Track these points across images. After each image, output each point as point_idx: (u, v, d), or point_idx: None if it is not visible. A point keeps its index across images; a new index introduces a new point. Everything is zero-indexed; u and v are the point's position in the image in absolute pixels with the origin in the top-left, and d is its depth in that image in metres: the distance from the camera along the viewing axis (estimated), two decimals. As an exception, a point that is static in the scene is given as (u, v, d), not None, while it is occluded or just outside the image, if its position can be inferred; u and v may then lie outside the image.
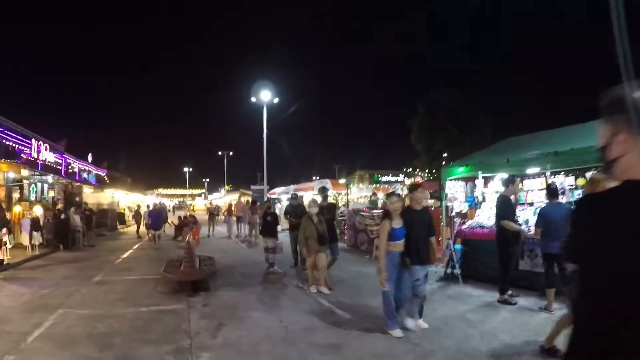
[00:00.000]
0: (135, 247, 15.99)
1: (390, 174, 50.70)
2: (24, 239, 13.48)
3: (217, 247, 15.23)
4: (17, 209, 15.06)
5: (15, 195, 16.50)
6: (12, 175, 16.14)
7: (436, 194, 18.88)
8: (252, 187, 33.19)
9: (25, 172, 17.32)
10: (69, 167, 29.80)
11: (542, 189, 8.70)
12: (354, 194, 22.40)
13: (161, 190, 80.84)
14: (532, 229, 7.02)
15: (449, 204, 10.35)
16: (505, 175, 8.16)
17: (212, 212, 23.14)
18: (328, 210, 9.75)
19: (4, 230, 11.93)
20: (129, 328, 5.95)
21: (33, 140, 19.71)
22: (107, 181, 42.25)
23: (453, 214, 10.38)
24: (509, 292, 6.90)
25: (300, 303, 7.17)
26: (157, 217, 17.80)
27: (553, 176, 8.55)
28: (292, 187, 22.04)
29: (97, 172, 39.74)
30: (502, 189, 7.76)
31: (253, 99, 26.84)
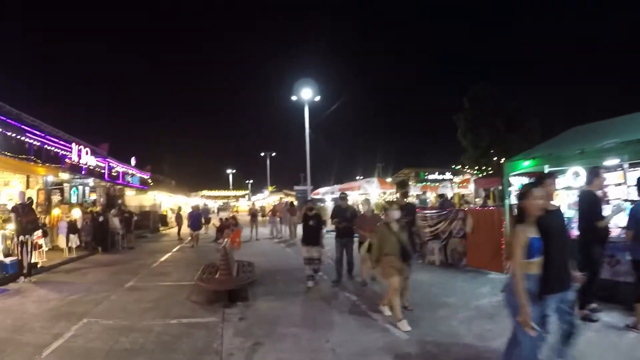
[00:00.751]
0: (175, 249, 15.44)
1: (437, 172, 49.06)
2: (61, 242, 13.14)
3: (258, 250, 14.51)
4: (55, 211, 14.83)
5: (55, 198, 16.34)
6: (51, 178, 15.99)
7: (486, 192, 17.36)
8: (295, 187, 32.47)
9: (65, 176, 17.19)
10: (112, 170, 30.12)
11: (619, 184, 7.35)
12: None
13: (205, 192, 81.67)
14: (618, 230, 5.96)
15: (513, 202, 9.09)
16: (579, 169, 7.20)
17: (254, 214, 20.92)
18: (408, 211, 7.77)
19: (38, 233, 11.58)
20: (154, 344, 5.15)
21: (73, 144, 19.70)
22: (151, 183, 42.86)
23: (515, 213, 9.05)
24: (593, 305, 5.57)
25: (350, 318, 6.15)
26: (195, 218, 17.77)
27: (632, 168, 7.17)
28: (336, 186, 21.04)
29: (140, 175, 40.32)
30: (574, 184, 7.15)
31: (294, 98, 26.17)
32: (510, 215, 8.42)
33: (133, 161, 38.61)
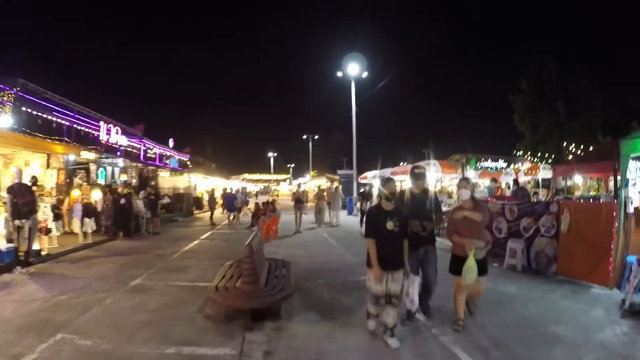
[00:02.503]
0: (204, 236, 13.74)
1: (490, 159, 45.56)
2: (76, 226, 11.69)
3: (297, 240, 12.60)
4: (75, 193, 13.43)
5: (78, 179, 15.00)
6: (72, 157, 14.62)
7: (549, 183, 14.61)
8: (339, 171, 30.50)
9: (89, 155, 15.85)
10: (147, 151, 29.11)
11: None
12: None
13: (246, 175, 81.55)
14: None
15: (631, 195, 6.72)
16: None
17: (300, 199, 16.33)
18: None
19: (45, 216, 10.10)
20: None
21: (102, 122, 18.40)
22: (190, 166, 42.06)
23: (631, 209, 6.69)
24: None
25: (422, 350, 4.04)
26: (230, 200, 17.82)
27: None
28: (387, 170, 18.75)
29: (179, 157, 39.46)
30: None
31: (339, 74, 24.20)
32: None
33: (171, 143, 37.70)
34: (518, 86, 37.18)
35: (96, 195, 13.29)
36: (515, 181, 13.56)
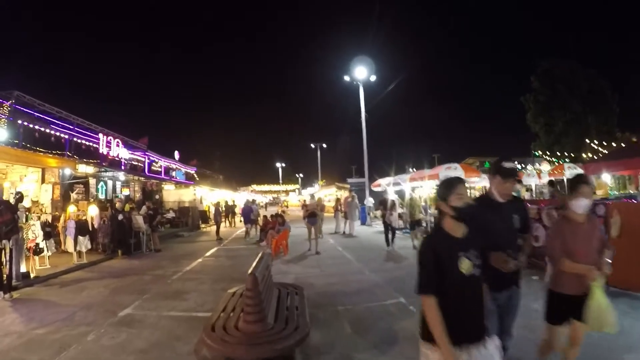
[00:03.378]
0: (209, 253, 12.76)
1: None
2: (69, 245, 10.82)
3: (311, 256, 11.50)
4: (71, 209, 12.59)
5: (75, 194, 14.17)
6: (68, 171, 13.83)
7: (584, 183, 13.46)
8: (349, 180, 29.49)
9: (87, 169, 15.05)
10: (152, 164, 28.35)
11: None
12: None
13: (254, 187, 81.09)
14: None
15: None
16: None
17: (315, 213, 12.58)
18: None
19: (32, 235, 9.25)
20: None
21: (101, 135, 17.58)
22: (197, 178, 41.30)
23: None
24: None
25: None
26: (246, 213, 18.01)
27: None
28: (405, 176, 17.70)
29: (186, 170, 38.73)
30: None
31: (347, 78, 23.34)
32: None
33: (177, 155, 36.96)
34: (529, 86, 36.07)
35: (93, 211, 12.42)
36: (552, 182, 12.45)
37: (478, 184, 17.47)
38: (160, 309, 6.33)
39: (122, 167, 23.42)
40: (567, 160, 30.56)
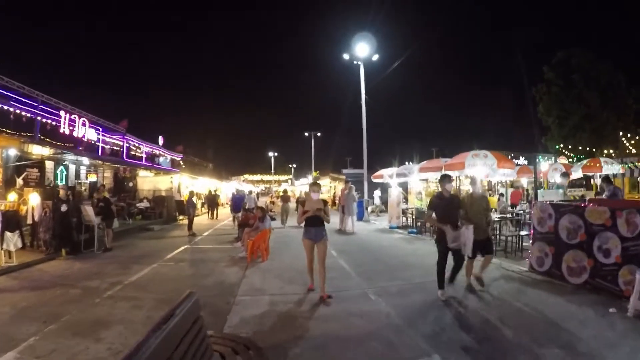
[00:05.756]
0: (172, 254, 10.72)
1: (511, 155, 42.25)
2: (-2, 242, 8.80)
3: (296, 265, 8.73)
4: (11, 197, 10.55)
5: (19, 180, 12.05)
6: (12, 152, 11.73)
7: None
8: (345, 171, 27.55)
9: (42, 150, 12.93)
10: (130, 150, 26.20)
11: None
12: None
13: (247, 176, 79.29)
14: None
15: None
16: None
17: (318, 218, 6.63)
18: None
19: None
20: None
21: (62, 112, 15.35)
22: (182, 166, 39.16)
23: None
24: None
25: None
26: (236, 202, 18.03)
27: None
28: (412, 166, 15.75)
29: (172, 157, 36.57)
30: None
31: (346, 56, 21.36)
32: None
33: (161, 140, 34.74)
34: (541, 76, 34.14)
35: (34, 200, 10.39)
36: (607, 178, 10.26)
37: (510, 177, 15.38)
38: (65, 350, 4.37)
39: (100, 152, 21.29)
40: (581, 156, 29.00)
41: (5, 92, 14.05)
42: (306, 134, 57.29)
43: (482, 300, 6.12)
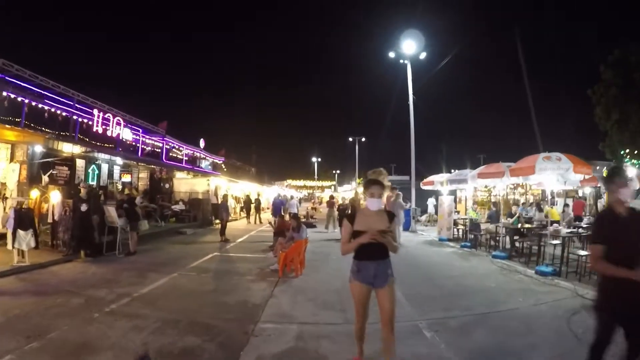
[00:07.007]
0: (196, 263, 9.82)
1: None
2: (9, 242, 8.22)
3: (333, 286, 7.53)
4: (33, 194, 10.05)
5: (45, 177, 11.61)
6: (39, 149, 11.28)
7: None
8: (390, 177, 26.19)
9: (74, 148, 12.50)
10: (170, 152, 26.02)
11: None
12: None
13: (290, 182, 79.47)
14: None
15: None
16: None
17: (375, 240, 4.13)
18: None
19: None
20: None
21: (95, 111, 14.99)
22: (225, 169, 39.04)
23: None
24: None
25: None
26: (277, 206, 19.17)
27: None
28: (468, 171, 14.24)
29: (213, 160, 36.50)
30: None
31: (392, 55, 20.19)
32: None
33: (202, 143, 34.64)
34: (598, 76, 31.43)
35: (55, 199, 9.82)
36: None
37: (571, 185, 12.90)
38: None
39: (140, 153, 21.09)
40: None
41: (40, 91, 13.83)
42: (350, 139, 56.20)
43: None
